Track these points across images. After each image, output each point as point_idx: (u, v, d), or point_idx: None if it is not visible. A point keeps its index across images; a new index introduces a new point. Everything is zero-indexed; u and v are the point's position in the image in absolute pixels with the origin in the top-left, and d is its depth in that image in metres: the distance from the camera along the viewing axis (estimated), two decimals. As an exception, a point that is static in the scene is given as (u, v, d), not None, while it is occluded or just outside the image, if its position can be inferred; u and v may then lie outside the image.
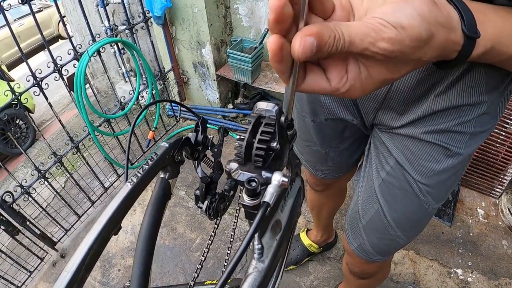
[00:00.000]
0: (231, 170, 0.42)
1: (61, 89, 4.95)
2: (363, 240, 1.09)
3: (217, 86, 3.17)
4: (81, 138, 2.46)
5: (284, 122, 0.42)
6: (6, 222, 2.09)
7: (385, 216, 0.96)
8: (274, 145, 0.40)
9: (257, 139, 0.40)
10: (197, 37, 2.88)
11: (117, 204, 0.45)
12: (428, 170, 0.82)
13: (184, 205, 2.68)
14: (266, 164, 0.40)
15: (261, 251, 0.40)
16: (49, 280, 2.38)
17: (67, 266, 0.39)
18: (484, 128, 0.76)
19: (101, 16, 3.37)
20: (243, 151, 0.41)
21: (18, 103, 2.04)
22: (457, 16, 0.45)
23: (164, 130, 3.34)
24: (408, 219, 0.95)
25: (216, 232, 0.74)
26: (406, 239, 1.02)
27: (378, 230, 1.02)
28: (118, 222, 0.46)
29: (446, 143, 0.76)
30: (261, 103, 0.43)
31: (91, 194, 2.74)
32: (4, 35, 7.64)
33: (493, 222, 2.34)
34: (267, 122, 0.41)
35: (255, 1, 2.74)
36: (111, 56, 3.79)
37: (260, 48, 2.76)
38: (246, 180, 0.38)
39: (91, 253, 0.41)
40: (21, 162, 4.03)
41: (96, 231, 0.43)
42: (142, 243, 0.50)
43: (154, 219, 0.52)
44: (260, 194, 0.38)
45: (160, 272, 2.26)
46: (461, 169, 0.85)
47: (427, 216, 0.96)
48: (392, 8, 0.40)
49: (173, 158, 0.55)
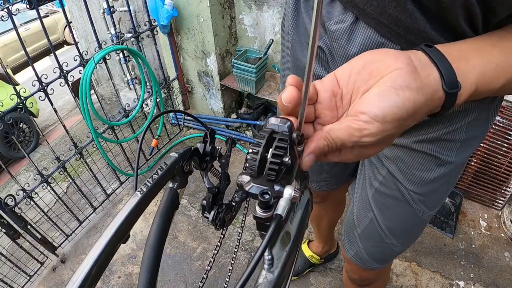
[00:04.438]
0: (243, 182, 0.42)
1: (65, 94, 4.97)
2: (359, 248, 1.11)
3: (221, 95, 3.19)
4: (84, 144, 2.47)
5: (296, 138, 0.43)
6: (7, 225, 2.10)
7: (379, 224, 0.98)
8: (286, 160, 0.41)
9: (271, 153, 0.41)
10: (202, 46, 2.90)
11: (126, 213, 0.45)
12: (419, 179, 0.83)
13: (186, 214, 2.68)
14: (278, 178, 0.41)
15: (271, 262, 0.40)
16: (49, 285, 2.38)
17: (73, 277, 0.39)
18: (474, 134, 0.77)
19: (107, 23, 3.40)
20: (257, 165, 0.41)
21: (23, 107, 2.06)
22: (437, 76, 0.47)
23: (168, 139, 3.36)
24: (402, 227, 0.97)
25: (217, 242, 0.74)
26: (402, 247, 1.03)
27: (373, 238, 1.03)
28: (127, 231, 0.46)
29: (436, 151, 0.77)
30: (274, 118, 0.44)
31: (93, 200, 2.75)
32: (10, 39, 7.68)
33: (496, 234, 2.34)
34: (280, 137, 0.42)
35: (260, 12, 2.76)
36: (116, 64, 3.81)
37: (265, 58, 2.77)
38: (259, 193, 0.39)
39: (99, 262, 0.41)
40: (23, 166, 4.04)
41: (105, 240, 0.42)
42: (149, 250, 0.50)
43: (162, 227, 0.52)
44: (272, 206, 0.38)
45: (161, 280, 2.25)
46: (454, 176, 0.86)
47: (421, 224, 0.98)
48: (376, 98, 0.45)
49: (182, 168, 0.55)
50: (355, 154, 0.51)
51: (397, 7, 0.57)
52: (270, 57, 2.94)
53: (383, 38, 0.64)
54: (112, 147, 2.85)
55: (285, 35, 0.92)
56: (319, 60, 0.82)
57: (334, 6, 0.69)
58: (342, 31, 0.68)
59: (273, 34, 2.81)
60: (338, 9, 0.68)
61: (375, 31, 0.64)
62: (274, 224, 0.35)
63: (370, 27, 0.64)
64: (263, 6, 2.71)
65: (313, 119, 0.51)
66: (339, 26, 0.68)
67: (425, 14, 0.56)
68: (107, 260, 0.43)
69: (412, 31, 0.58)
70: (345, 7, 0.67)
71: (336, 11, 0.69)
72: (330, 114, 0.50)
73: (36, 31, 8.34)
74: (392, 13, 0.58)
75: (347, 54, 0.71)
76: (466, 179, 2.46)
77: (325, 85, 0.50)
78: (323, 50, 0.78)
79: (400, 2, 0.56)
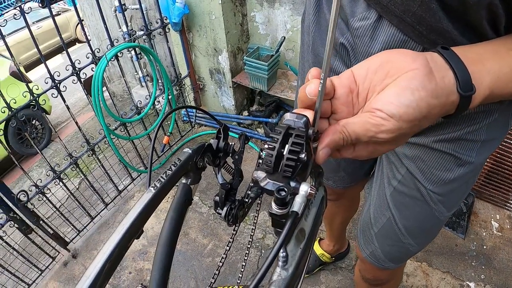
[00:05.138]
0: (258, 178, 0.42)
1: (77, 91, 5.02)
2: (375, 248, 1.11)
3: (232, 93, 3.19)
4: (97, 141, 2.49)
5: (312, 134, 0.42)
6: (20, 220, 2.13)
7: (396, 224, 0.98)
8: (302, 156, 0.41)
9: (288, 149, 0.41)
10: (214, 44, 2.90)
11: (140, 209, 0.45)
12: (439, 179, 0.82)
13: (198, 211, 2.69)
14: (294, 174, 0.41)
15: (286, 259, 0.40)
16: (60, 280, 2.40)
17: (87, 271, 0.39)
18: (494, 135, 0.77)
19: (118, 21, 3.42)
20: (273, 161, 0.41)
21: (36, 105, 2.08)
22: (453, 78, 0.47)
23: (179, 135, 3.37)
24: (419, 227, 0.96)
25: (229, 239, 0.74)
26: (418, 247, 1.03)
27: (390, 237, 1.03)
28: (140, 226, 0.46)
29: (457, 151, 0.77)
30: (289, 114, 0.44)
31: (105, 196, 2.77)
32: (23, 37, 7.78)
33: (507, 235, 2.31)
34: (297, 133, 0.42)
35: (272, 9, 2.76)
36: (128, 61, 3.83)
37: (277, 56, 2.77)
38: (276, 189, 0.38)
39: (113, 257, 0.41)
40: (36, 162, 4.08)
41: (118, 235, 0.43)
42: (162, 247, 0.49)
43: (175, 223, 0.52)
44: (288, 203, 0.38)
45: (171, 276, 2.26)
46: (473, 177, 0.86)
47: (439, 224, 0.97)
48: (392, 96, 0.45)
49: (195, 164, 0.55)
50: (369, 151, 0.52)
51: (421, 5, 0.56)
52: (282, 54, 2.93)
53: (405, 37, 0.63)
54: (124, 144, 2.87)
55: (305, 31, 0.91)
56: (341, 57, 0.81)
57: (357, 3, 0.68)
58: (366, 28, 0.68)
59: (285, 31, 2.80)
60: (361, 6, 0.68)
61: (398, 29, 0.63)
62: (290, 221, 0.35)
63: (393, 24, 0.63)
64: (275, 3, 2.70)
65: (329, 114, 0.51)
66: (363, 23, 0.68)
67: (449, 13, 0.55)
68: (121, 255, 0.43)
69: (435, 30, 0.58)
70: (368, 4, 0.66)
71: (360, 8, 0.68)
72: (346, 110, 0.50)
73: (48, 29, 8.45)
74: (416, 11, 0.57)
75: (369, 53, 0.70)
76: (478, 179, 2.43)
77: (343, 81, 0.50)
78: (346, 47, 0.77)
79: (424, 1, 0.55)
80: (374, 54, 0.50)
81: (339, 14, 0.73)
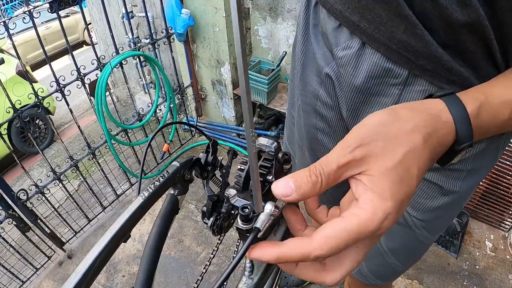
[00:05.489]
0: (229, 195, 0.46)
1: (81, 94, 5.05)
2: (361, 266, 1.10)
3: (233, 104, 3.24)
4: (98, 145, 2.54)
5: (282, 158, 0.46)
6: (18, 218, 2.16)
7: (381, 245, 0.98)
8: (270, 178, 0.45)
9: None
10: (217, 55, 2.96)
11: (128, 215, 0.49)
12: (423, 206, 0.82)
13: (193, 219, 2.72)
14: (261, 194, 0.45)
15: (251, 269, 0.44)
16: (54, 279, 2.43)
17: (77, 268, 0.43)
18: (482, 164, 0.74)
19: (125, 27, 3.47)
20: (242, 181, 0.45)
21: (41, 106, 2.12)
22: (453, 138, 0.45)
23: (179, 144, 3.40)
24: (404, 249, 0.96)
25: (222, 248, 0.78)
26: (404, 267, 1.03)
27: (376, 257, 1.03)
28: (128, 231, 0.50)
29: (440, 180, 0.75)
30: (262, 138, 0.47)
31: (103, 199, 2.81)
32: (31, 36, 7.81)
33: (501, 256, 2.31)
34: (266, 157, 0.46)
35: (275, 24, 2.81)
36: (133, 67, 3.88)
37: (278, 70, 2.82)
38: (240, 207, 0.41)
39: (101, 257, 0.45)
40: (37, 162, 4.13)
41: (107, 238, 0.47)
42: (148, 251, 0.54)
43: (161, 230, 0.56)
44: (252, 219, 0.42)
45: (164, 282, 2.29)
46: (458, 204, 0.85)
47: (423, 247, 0.97)
48: None
49: (183, 177, 0.59)
50: None
51: (405, 31, 0.56)
52: (283, 68, 2.98)
53: (391, 64, 0.63)
54: (124, 149, 2.91)
55: (296, 58, 0.91)
56: (325, 87, 0.80)
57: (341, 32, 0.68)
58: (349, 57, 0.67)
59: (287, 46, 2.86)
60: (345, 35, 0.68)
61: (383, 56, 0.63)
62: (252, 236, 0.39)
63: (379, 52, 0.63)
64: (278, 18, 2.76)
65: None
66: (346, 52, 0.68)
67: (435, 37, 0.54)
68: (109, 255, 0.47)
69: (423, 56, 0.57)
70: (352, 32, 0.66)
71: (343, 37, 0.68)
72: None
73: (56, 29, 8.48)
74: (401, 38, 0.57)
75: (353, 83, 0.70)
76: (473, 199, 2.44)
77: None
78: (331, 77, 0.76)
79: (408, 26, 0.55)
80: None
81: (324, 43, 0.76)
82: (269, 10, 2.77)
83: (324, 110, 0.85)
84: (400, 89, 0.65)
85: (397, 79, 0.64)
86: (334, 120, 0.84)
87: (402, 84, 0.64)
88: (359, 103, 0.73)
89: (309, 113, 0.90)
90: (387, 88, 0.67)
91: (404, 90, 0.65)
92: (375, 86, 0.68)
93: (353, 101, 0.73)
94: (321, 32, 0.77)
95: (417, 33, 0.54)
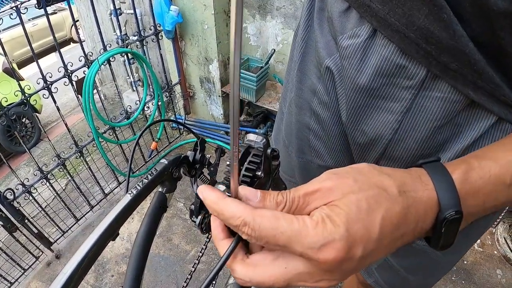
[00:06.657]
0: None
1: (69, 91, 5.02)
2: (377, 278, 1.06)
3: (221, 102, 3.24)
4: (85, 143, 2.52)
5: (270, 154, 0.46)
6: (5, 218, 2.13)
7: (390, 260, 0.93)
8: (259, 173, 0.45)
9: (245, 167, 0.45)
10: (205, 53, 2.95)
11: (116, 213, 0.49)
12: None
13: (182, 217, 2.71)
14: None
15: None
16: (42, 280, 2.41)
17: (65, 268, 0.43)
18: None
19: (113, 24, 3.45)
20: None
21: (27, 104, 2.10)
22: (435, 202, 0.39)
23: (167, 142, 3.40)
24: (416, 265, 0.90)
25: (211, 246, 0.78)
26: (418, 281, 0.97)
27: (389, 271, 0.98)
28: (116, 229, 0.50)
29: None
30: (251, 135, 0.47)
31: (91, 198, 2.79)
32: (18, 33, 7.70)
33: (489, 251, 2.35)
34: (255, 153, 0.46)
35: (263, 22, 2.82)
36: (121, 65, 3.86)
37: (266, 68, 2.82)
38: None
39: (89, 256, 0.45)
40: (24, 161, 4.09)
41: (95, 236, 0.47)
42: (136, 249, 0.54)
43: (150, 229, 0.56)
44: None
45: (153, 281, 2.29)
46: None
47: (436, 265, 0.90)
48: None
49: (171, 174, 0.59)
50: None
51: (428, 15, 0.44)
52: (272, 66, 2.99)
53: (405, 60, 0.51)
54: (112, 148, 2.90)
55: (296, 47, 0.78)
56: (324, 83, 0.69)
57: (349, 16, 0.57)
58: (355, 47, 0.56)
59: (276, 44, 2.86)
60: (353, 19, 0.56)
61: (396, 49, 0.51)
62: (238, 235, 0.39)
63: (392, 42, 0.51)
64: (267, 16, 2.76)
65: None
66: (353, 41, 0.56)
67: (467, 27, 0.43)
68: (98, 254, 0.47)
69: (447, 50, 0.46)
70: (361, 17, 0.55)
71: (351, 23, 0.57)
72: None
73: (43, 27, 8.38)
74: (422, 24, 0.45)
75: (356, 82, 0.58)
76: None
77: None
78: (332, 71, 0.64)
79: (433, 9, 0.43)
80: None
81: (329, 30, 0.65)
82: (258, 8, 2.77)
83: (320, 109, 0.73)
84: (413, 93, 0.53)
85: (411, 80, 0.53)
86: (329, 123, 0.72)
87: (417, 87, 0.53)
88: (362, 106, 0.60)
89: (303, 110, 0.78)
90: (398, 90, 0.55)
91: (419, 95, 0.53)
92: (383, 87, 0.56)
93: (354, 103, 0.61)
94: (327, 18, 0.64)
95: (443, 19, 0.43)
